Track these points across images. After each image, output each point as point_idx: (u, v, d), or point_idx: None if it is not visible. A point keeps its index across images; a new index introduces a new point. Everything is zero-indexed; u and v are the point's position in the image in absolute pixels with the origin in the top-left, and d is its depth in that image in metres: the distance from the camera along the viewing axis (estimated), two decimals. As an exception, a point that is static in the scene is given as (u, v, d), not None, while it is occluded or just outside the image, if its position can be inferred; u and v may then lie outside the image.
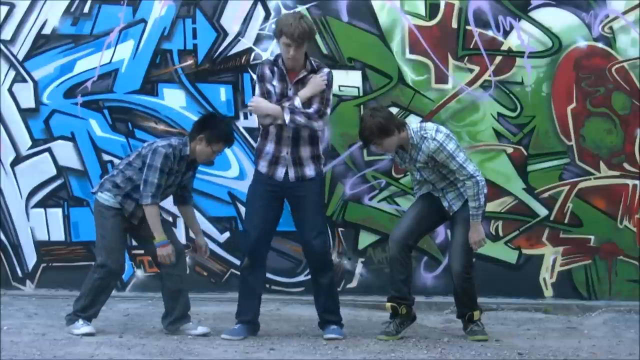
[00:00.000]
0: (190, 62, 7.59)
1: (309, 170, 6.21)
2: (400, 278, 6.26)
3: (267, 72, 6.17)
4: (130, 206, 6.19)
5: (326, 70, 6.23)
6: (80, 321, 6.21)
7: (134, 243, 6.75)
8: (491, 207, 7.18)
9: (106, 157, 7.67)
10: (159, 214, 6.19)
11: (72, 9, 7.64)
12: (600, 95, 7.38)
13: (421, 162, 6.17)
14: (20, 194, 7.76)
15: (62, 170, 7.73)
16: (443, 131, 6.17)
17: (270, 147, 6.19)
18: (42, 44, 7.68)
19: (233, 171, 7.63)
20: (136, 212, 6.19)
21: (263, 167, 6.22)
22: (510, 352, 5.96)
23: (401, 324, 6.33)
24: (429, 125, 6.23)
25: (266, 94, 6.14)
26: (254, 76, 6.71)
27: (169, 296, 6.32)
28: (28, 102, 7.73)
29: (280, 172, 6.18)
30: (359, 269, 7.58)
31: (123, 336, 6.21)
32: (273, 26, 7.50)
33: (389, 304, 6.31)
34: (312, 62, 6.22)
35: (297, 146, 6.17)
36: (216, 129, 6.20)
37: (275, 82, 6.15)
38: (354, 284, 7.58)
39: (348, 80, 7.45)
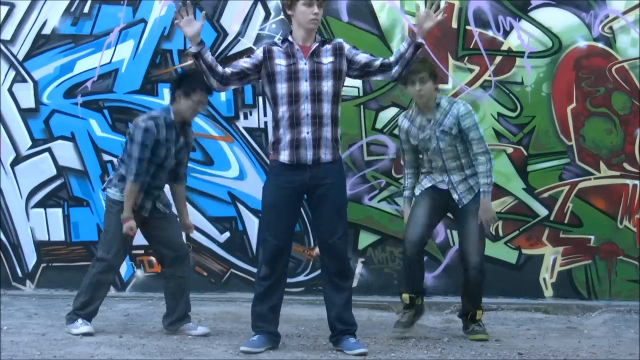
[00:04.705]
0: (190, 62, 7.57)
1: (326, 154, 5.67)
2: (419, 276, 6.30)
3: (260, 53, 5.70)
4: (137, 199, 6.17)
5: (339, 40, 5.84)
6: (80, 321, 6.20)
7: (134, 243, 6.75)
8: (491, 207, 7.18)
9: (106, 157, 7.68)
10: (135, 195, 6.07)
11: (72, 9, 7.66)
12: (600, 95, 7.39)
13: (446, 128, 6.14)
14: (20, 194, 7.77)
15: (62, 170, 7.73)
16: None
17: (287, 133, 5.65)
18: (42, 44, 7.70)
19: (233, 171, 7.63)
20: (144, 204, 6.17)
21: (285, 156, 5.65)
22: (510, 352, 5.95)
23: (415, 315, 6.33)
24: None
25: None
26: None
27: (171, 297, 6.31)
28: (28, 102, 7.74)
29: (305, 155, 5.62)
30: (359, 269, 7.59)
31: (123, 336, 6.20)
32: (274, 26, 7.52)
33: (406, 295, 6.29)
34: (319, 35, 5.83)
35: (319, 126, 5.65)
36: (188, 80, 6.12)
37: (279, 61, 5.66)
38: (354, 284, 7.55)
39: (348, 81, 7.39)
